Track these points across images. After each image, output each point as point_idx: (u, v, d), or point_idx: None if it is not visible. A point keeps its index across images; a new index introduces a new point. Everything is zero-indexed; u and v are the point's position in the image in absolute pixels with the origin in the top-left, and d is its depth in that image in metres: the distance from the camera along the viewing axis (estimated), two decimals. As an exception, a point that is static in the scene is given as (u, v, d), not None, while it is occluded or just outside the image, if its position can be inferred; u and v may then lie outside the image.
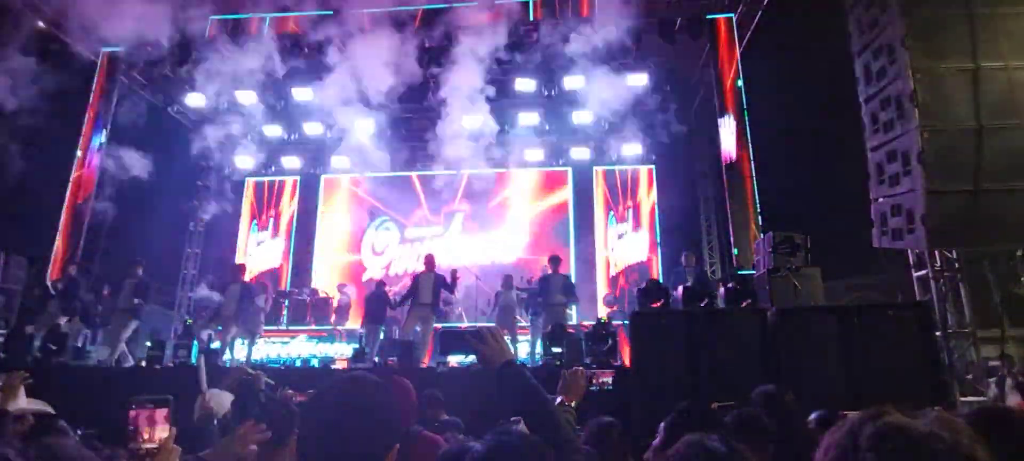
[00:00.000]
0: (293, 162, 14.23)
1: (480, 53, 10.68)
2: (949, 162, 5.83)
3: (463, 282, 10.23)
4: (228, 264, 13.98)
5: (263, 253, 14.48)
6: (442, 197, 14.47)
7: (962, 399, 6.37)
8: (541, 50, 10.68)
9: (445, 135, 13.63)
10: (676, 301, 7.93)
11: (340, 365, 8.59)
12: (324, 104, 12.60)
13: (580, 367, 2.27)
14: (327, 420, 1.24)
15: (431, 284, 8.78)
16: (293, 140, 14.06)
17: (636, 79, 11.43)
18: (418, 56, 10.88)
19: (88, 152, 11.13)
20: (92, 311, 8.81)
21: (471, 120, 12.62)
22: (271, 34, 11.37)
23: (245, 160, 14.09)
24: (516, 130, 12.99)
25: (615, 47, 10.60)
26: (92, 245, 10.98)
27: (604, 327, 7.69)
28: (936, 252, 7.00)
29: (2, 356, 7.60)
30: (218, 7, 11.36)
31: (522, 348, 9.28)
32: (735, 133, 10.21)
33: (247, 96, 12.04)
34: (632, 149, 13.30)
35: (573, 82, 11.44)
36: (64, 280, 8.49)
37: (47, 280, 8.60)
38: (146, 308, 8.98)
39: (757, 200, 9.91)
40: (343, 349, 10.25)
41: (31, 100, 10.59)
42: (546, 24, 10.79)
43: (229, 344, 8.80)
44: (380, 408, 1.27)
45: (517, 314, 9.59)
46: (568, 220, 14.02)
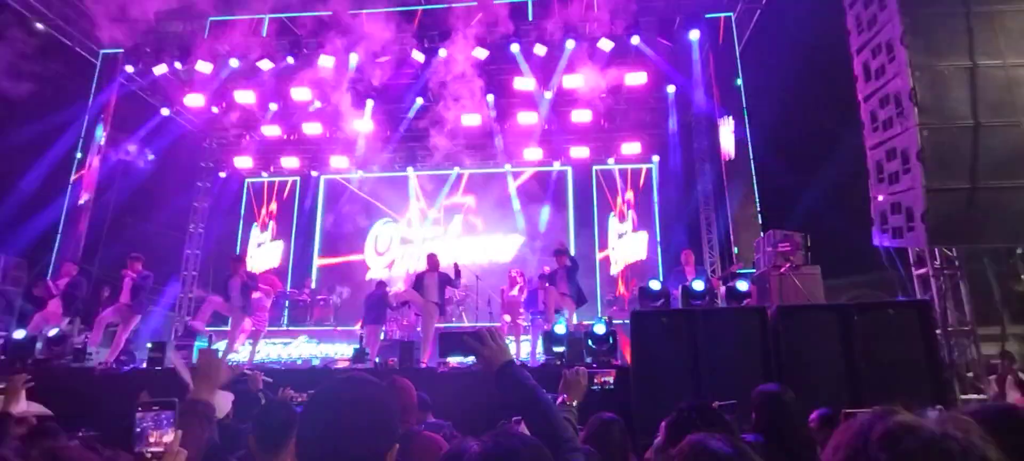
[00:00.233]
0: (292, 162, 14.23)
1: (479, 52, 10.67)
2: (948, 160, 5.83)
3: (462, 281, 10.21)
4: (227, 260, 14.02)
5: (263, 254, 14.47)
6: (441, 197, 14.48)
7: (962, 397, 6.36)
8: (540, 49, 10.66)
9: (444, 135, 13.65)
10: (676, 300, 7.92)
11: (341, 366, 8.58)
12: (323, 104, 12.62)
13: (581, 366, 2.27)
14: (326, 420, 1.24)
15: (436, 282, 8.80)
16: (292, 140, 14.06)
17: (635, 78, 11.44)
18: (417, 55, 10.86)
19: (88, 153, 11.12)
20: (93, 313, 8.81)
21: (469, 119, 12.63)
22: (270, 34, 11.36)
23: (244, 161, 14.09)
24: (515, 129, 12.97)
25: (614, 46, 10.60)
26: (92, 247, 10.97)
27: (605, 326, 7.68)
28: (936, 250, 7.00)
29: (2, 358, 7.60)
30: (218, 7, 11.36)
31: (523, 347, 9.27)
32: (735, 132, 10.22)
33: (246, 96, 12.05)
34: (631, 148, 13.30)
35: (572, 81, 11.45)
36: (66, 282, 8.47)
37: (49, 282, 8.57)
38: (148, 305, 8.98)
39: (757, 198, 9.92)
40: (344, 350, 10.27)
41: (31, 101, 10.60)
42: (545, 23, 10.78)
43: (237, 339, 8.78)
44: (379, 408, 1.28)
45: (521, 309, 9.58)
46: (567, 220, 14.02)
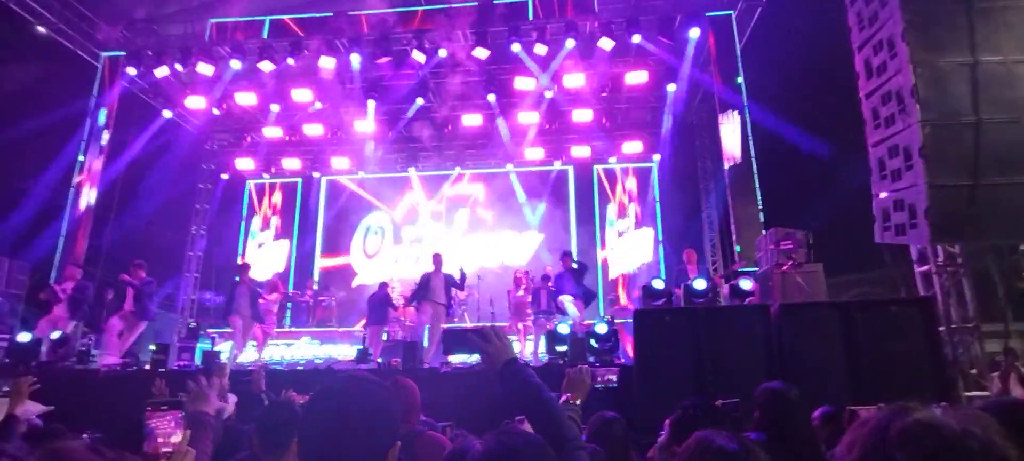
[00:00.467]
0: (293, 163, 14.25)
1: (479, 52, 10.67)
2: (951, 156, 5.81)
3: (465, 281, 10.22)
4: (232, 266, 14.05)
5: (264, 255, 14.48)
6: (443, 197, 14.49)
7: (966, 394, 6.35)
8: (540, 48, 10.64)
9: (445, 135, 13.66)
10: (678, 299, 7.92)
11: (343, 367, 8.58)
12: (324, 105, 12.63)
13: (584, 365, 2.27)
14: (327, 420, 1.24)
15: (442, 283, 8.80)
16: (293, 141, 14.07)
17: (636, 76, 11.42)
18: (417, 56, 10.86)
19: (90, 156, 11.14)
20: (97, 316, 8.82)
21: (470, 119, 12.64)
22: (270, 36, 11.37)
23: (246, 162, 14.11)
24: (516, 129, 12.98)
25: (615, 45, 10.59)
26: (94, 249, 11.00)
27: (607, 326, 7.68)
28: (939, 247, 6.98)
29: (6, 361, 7.62)
30: (218, 9, 11.38)
31: (527, 347, 9.27)
32: (736, 129, 10.20)
33: (247, 97, 12.07)
34: (633, 147, 13.29)
35: (572, 80, 11.44)
36: (71, 285, 8.47)
37: (54, 286, 8.57)
38: (153, 310, 8.99)
39: (759, 196, 9.90)
40: (347, 351, 10.28)
41: (33, 104, 10.63)
42: (545, 22, 10.77)
43: (243, 344, 8.80)
44: (380, 407, 1.28)
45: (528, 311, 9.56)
46: (569, 219, 14.01)
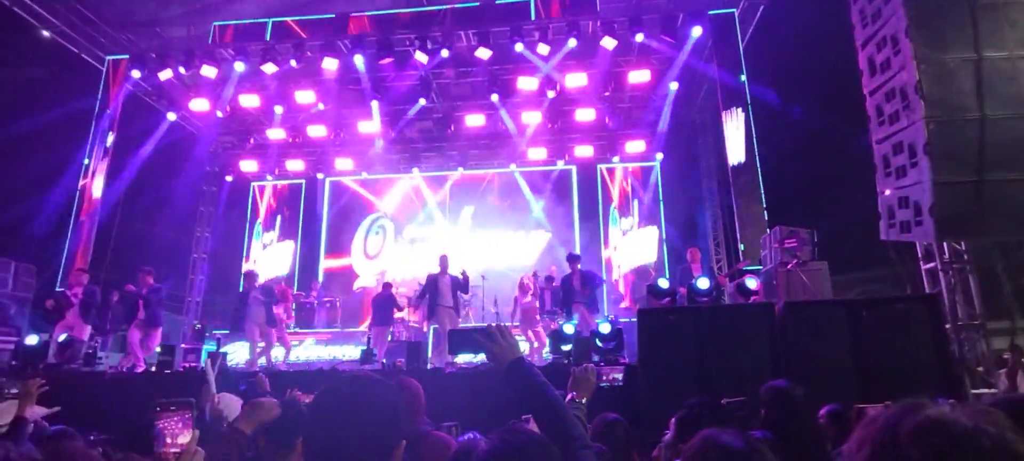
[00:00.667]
0: (297, 165, 14.28)
1: (482, 52, 10.67)
2: (956, 153, 5.78)
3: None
4: (240, 272, 14.13)
5: (269, 257, 14.53)
6: (445, 197, 14.50)
7: (973, 391, 6.32)
8: (543, 48, 10.64)
9: (448, 135, 13.67)
10: (682, 298, 7.90)
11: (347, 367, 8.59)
12: (327, 107, 12.65)
13: (590, 364, 2.27)
14: (332, 420, 1.24)
15: (449, 285, 8.81)
16: (297, 143, 14.10)
17: (638, 76, 11.41)
18: (420, 56, 10.87)
19: (95, 159, 11.19)
20: (103, 319, 8.87)
21: (473, 119, 12.65)
22: (273, 38, 11.39)
23: (250, 164, 14.15)
24: (519, 129, 12.97)
25: (617, 44, 10.58)
26: (100, 252, 11.05)
27: (610, 325, 7.68)
28: (944, 244, 6.95)
29: (13, 363, 7.67)
30: (222, 12, 11.41)
31: (543, 353, 9.27)
32: (739, 128, 10.17)
33: (250, 100, 12.10)
34: (635, 146, 13.27)
35: (575, 80, 11.43)
36: (80, 290, 8.50)
37: (65, 292, 8.61)
38: (164, 315, 9.05)
39: (763, 195, 9.87)
40: (351, 352, 10.30)
41: (38, 107, 10.68)
42: (548, 22, 10.76)
43: (257, 351, 8.79)
44: (384, 406, 1.28)
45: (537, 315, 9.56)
46: (573, 219, 13.99)
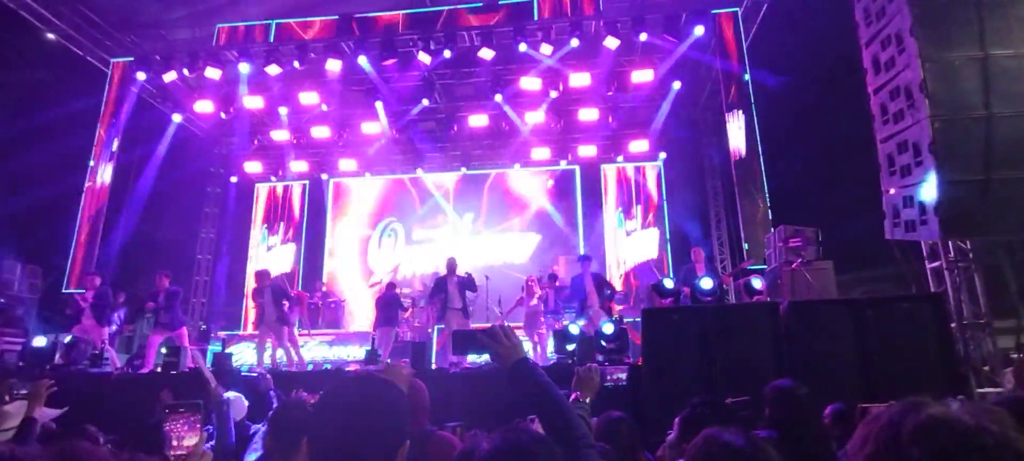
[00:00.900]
0: (301, 166, 14.32)
1: (485, 52, 10.69)
2: (961, 151, 5.76)
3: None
4: (244, 273, 14.18)
5: (274, 258, 14.57)
6: (449, 198, 14.51)
7: (978, 391, 6.29)
8: (545, 48, 10.64)
9: (451, 135, 13.68)
10: (686, 297, 7.90)
11: (353, 367, 8.61)
12: (330, 107, 12.68)
13: (593, 364, 2.28)
14: (337, 420, 1.25)
15: (457, 287, 8.83)
16: (301, 144, 14.14)
17: (641, 75, 11.40)
18: (423, 57, 10.89)
19: (100, 161, 11.25)
20: (115, 320, 8.95)
21: (477, 120, 12.66)
22: (277, 39, 11.43)
23: (254, 165, 14.20)
24: (522, 129, 12.98)
25: (620, 44, 10.58)
26: (105, 253, 11.11)
27: (613, 325, 7.68)
28: (949, 243, 6.93)
29: (21, 364, 7.72)
30: (225, 14, 11.45)
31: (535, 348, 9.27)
32: (743, 127, 10.16)
33: (254, 101, 12.13)
34: (639, 146, 13.25)
35: (578, 79, 11.43)
36: (92, 294, 8.55)
37: (76, 297, 8.66)
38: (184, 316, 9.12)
39: (767, 194, 9.84)
40: (356, 352, 10.32)
41: (43, 110, 10.75)
42: (551, 22, 10.76)
43: (265, 350, 8.82)
44: (388, 406, 1.29)
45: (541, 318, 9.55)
46: (576, 219, 13.99)
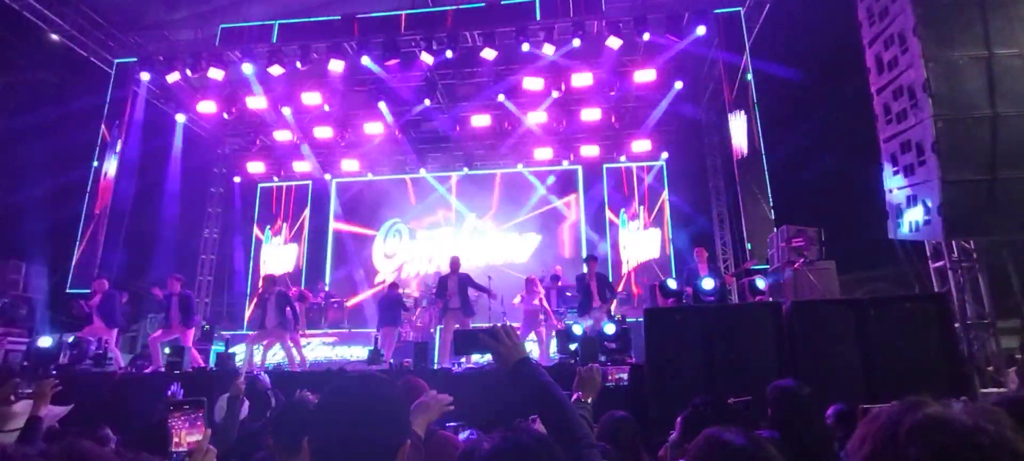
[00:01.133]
0: (304, 166, 14.34)
1: (487, 52, 10.69)
2: (965, 151, 5.74)
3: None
4: (247, 273, 14.21)
5: (277, 258, 14.60)
6: (451, 198, 14.52)
7: (982, 391, 6.27)
8: (548, 48, 10.64)
9: (453, 135, 13.70)
10: (689, 297, 7.90)
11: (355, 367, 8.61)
12: (333, 108, 12.70)
13: (595, 364, 2.28)
14: (339, 418, 1.25)
15: (457, 286, 8.79)
16: (303, 144, 14.16)
17: (644, 75, 11.39)
18: (426, 57, 10.89)
19: (103, 162, 11.29)
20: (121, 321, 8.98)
21: (479, 120, 12.67)
22: (279, 39, 11.45)
23: (257, 166, 14.23)
24: (524, 129, 12.98)
25: (622, 43, 10.57)
26: (109, 254, 11.14)
27: (615, 325, 7.68)
28: (953, 243, 6.90)
29: (25, 364, 7.75)
30: (228, 15, 11.48)
31: (537, 347, 9.27)
32: (746, 126, 10.14)
33: (257, 102, 12.16)
34: (641, 145, 13.25)
35: (580, 79, 11.43)
36: (99, 298, 8.57)
37: (81, 302, 8.68)
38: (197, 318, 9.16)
39: (769, 194, 9.83)
40: (359, 352, 10.34)
41: (47, 111, 10.79)
42: (553, 22, 10.76)
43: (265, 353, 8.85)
44: (389, 405, 1.29)
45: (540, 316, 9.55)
46: (578, 219, 13.99)
